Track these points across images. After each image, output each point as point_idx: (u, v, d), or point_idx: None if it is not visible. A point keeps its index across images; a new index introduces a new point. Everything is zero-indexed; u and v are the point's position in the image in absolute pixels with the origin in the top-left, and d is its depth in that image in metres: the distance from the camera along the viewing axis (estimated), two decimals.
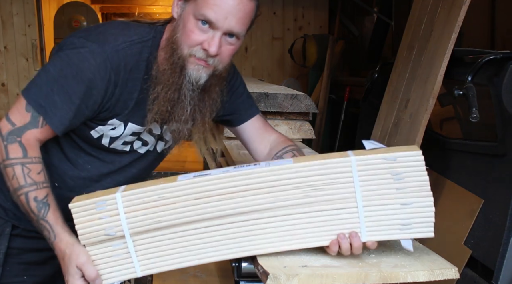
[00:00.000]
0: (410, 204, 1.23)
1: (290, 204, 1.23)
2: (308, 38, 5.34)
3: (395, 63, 3.06)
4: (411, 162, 1.23)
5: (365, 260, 1.29)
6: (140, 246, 1.24)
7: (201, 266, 2.32)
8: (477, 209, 2.27)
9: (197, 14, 1.28)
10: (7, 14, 5.24)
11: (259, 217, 1.23)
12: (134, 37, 1.36)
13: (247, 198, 1.24)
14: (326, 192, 1.23)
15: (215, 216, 1.23)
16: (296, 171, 1.24)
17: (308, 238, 1.24)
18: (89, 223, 1.24)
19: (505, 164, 2.16)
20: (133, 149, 1.47)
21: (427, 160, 1.24)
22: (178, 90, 1.34)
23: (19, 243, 1.49)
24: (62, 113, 1.31)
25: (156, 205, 1.23)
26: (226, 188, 1.23)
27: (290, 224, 1.23)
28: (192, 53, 1.31)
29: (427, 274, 1.23)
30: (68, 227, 1.28)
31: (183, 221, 1.23)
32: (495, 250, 2.10)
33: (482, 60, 2.27)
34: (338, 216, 1.23)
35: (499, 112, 2.17)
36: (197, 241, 1.23)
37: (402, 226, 1.23)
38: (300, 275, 1.19)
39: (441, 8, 2.61)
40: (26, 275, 1.52)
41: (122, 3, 7.39)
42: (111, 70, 1.31)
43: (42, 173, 1.31)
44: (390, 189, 1.23)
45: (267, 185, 1.23)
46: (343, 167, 1.23)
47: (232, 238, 1.23)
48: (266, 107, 2.23)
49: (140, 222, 1.23)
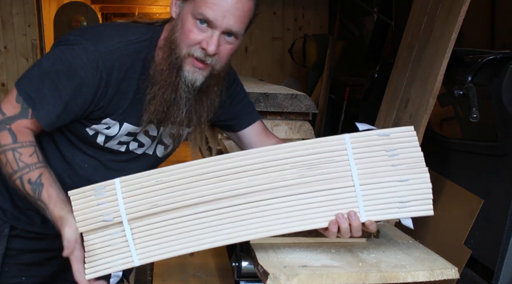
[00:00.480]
0: (406, 181, 1.22)
1: (286, 185, 1.23)
2: (308, 38, 5.34)
3: (395, 63, 3.06)
4: (404, 138, 1.23)
5: (365, 260, 1.29)
6: (137, 234, 1.23)
7: (201, 266, 2.32)
8: (477, 209, 2.27)
9: (196, 13, 1.28)
10: (7, 14, 5.24)
11: (256, 200, 1.23)
12: (131, 37, 1.36)
13: (243, 179, 1.23)
14: (322, 171, 1.22)
15: (212, 199, 1.22)
16: (291, 151, 1.24)
17: (306, 220, 1.22)
18: (88, 209, 1.23)
19: (505, 164, 2.16)
20: (129, 149, 1.46)
21: (427, 160, 1.24)
22: (175, 90, 1.34)
23: (18, 244, 1.49)
24: (49, 107, 1.32)
25: (154, 190, 1.23)
26: (222, 170, 1.23)
27: (288, 206, 1.22)
28: (190, 53, 1.31)
29: (427, 274, 1.23)
30: (62, 200, 1.28)
31: (180, 205, 1.22)
32: (495, 250, 2.10)
33: (482, 60, 2.27)
34: (336, 195, 1.23)
35: (499, 112, 2.16)
36: (194, 227, 1.22)
37: (400, 204, 1.21)
38: (300, 275, 1.19)
39: (441, 8, 2.61)
40: (25, 276, 1.51)
41: (122, 3, 7.40)
42: (103, 69, 1.31)
43: (35, 155, 1.32)
44: (385, 166, 1.22)
45: (262, 166, 1.23)
46: (338, 145, 1.23)
47: (230, 223, 1.22)
48: (266, 107, 2.23)
49: (137, 207, 1.23)
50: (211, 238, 1.22)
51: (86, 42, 1.32)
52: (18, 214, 1.48)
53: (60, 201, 1.28)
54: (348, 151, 1.23)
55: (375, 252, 1.35)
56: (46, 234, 1.47)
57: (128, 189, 1.24)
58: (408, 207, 1.22)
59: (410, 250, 1.38)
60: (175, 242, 1.22)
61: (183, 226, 1.22)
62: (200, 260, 2.40)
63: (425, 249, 1.39)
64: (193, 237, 1.22)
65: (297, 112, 2.28)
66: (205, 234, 1.22)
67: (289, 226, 1.23)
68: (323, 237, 1.42)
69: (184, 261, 2.38)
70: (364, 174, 1.22)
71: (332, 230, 1.22)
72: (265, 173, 1.23)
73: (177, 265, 2.31)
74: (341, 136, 1.23)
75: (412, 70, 2.78)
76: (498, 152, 2.20)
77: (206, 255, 2.46)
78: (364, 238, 1.43)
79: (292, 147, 1.25)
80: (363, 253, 1.34)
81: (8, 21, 5.25)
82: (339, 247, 1.39)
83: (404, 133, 1.24)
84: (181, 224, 1.22)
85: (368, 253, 1.34)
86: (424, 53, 2.68)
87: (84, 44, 1.31)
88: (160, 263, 2.36)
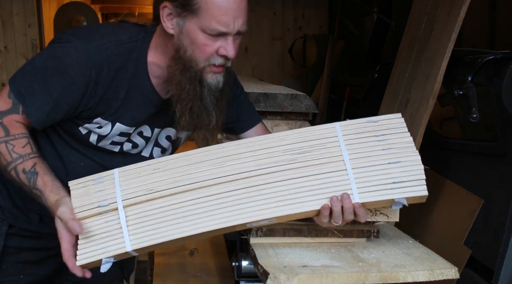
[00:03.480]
0: (398, 163, 1.22)
1: (279, 170, 1.23)
2: (308, 38, 5.34)
3: (395, 63, 3.06)
4: (392, 124, 1.25)
5: (365, 260, 1.29)
6: (132, 220, 1.22)
7: (201, 266, 2.32)
8: (477, 209, 2.27)
9: (207, 29, 1.29)
10: (7, 14, 5.24)
11: (249, 185, 1.23)
12: (123, 37, 1.36)
13: (237, 166, 1.24)
14: (313, 156, 1.24)
15: (206, 184, 1.23)
16: (283, 139, 1.26)
17: (299, 203, 1.22)
18: (85, 196, 1.24)
19: (505, 164, 2.16)
20: (123, 150, 1.47)
21: (427, 160, 1.25)
22: (201, 99, 1.36)
23: (16, 242, 1.50)
24: (39, 104, 1.33)
25: (151, 177, 1.25)
26: (217, 158, 1.25)
27: (281, 191, 1.23)
28: (210, 63, 1.33)
29: (427, 274, 1.23)
30: (57, 186, 1.29)
31: (176, 191, 1.23)
32: (495, 250, 2.10)
33: (482, 60, 2.27)
34: (328, 179, 1.23)
35: (499, 112, 2.16)
36: (188, 212, 1.22)
37: (393, 185, 1.21)
38: (300, 275, 1.19)
39: (441, 8, 2.61)
40: (23, 274, 1.52)
41: (122, 3, 7.39)
42: (92, 68, 1.31)
43: (28, 146, 1.33)
44: (376, 150, 1.23)
45: (255, 154, 1.25)
46: (329, 133, 1.25)
47: (224, 207, 1.22)
48: (266, 107, 2.23)
49: (134, 193, 1.24)
50: (205, 223, 1.21)
51: (77, 41, 1.33)
52: (17, 212, 1.48)
53: (55, 187, 1.28)
54: (339, 137, 1.25)
55: (375, 252, 1.35)
56: (44, 233, 1.48)
57: (126, 178, 1.25)
58: (402, 188, 1.21)
59: (410, 250, 1.38)
60: (168, 227, 1.21)
61: (177, 211, 1.22)
62: (200, 260, 2.39)
63: (425, 249, 1.39)
64: (187, 222, 1.21)
65: (297, 112, 2.28)
66: (198, 219, 1.21)
67: (282, 210, 1.22)
68: (323, 237, 1.42)
69: (184, 261, 2.37)
70: (356, 158, 1.23)
71: (324, 214, 1.21)
72: (258, 159, 1.24)
73: (177, 265, 2.31)
74: (331, 124, 1.26)
75: (412, 70, 2.78)
76: (498, 152, 2.20)
77: (206, 255, 2.46)
78: (364, 238, 1.43)
79: (284, 135, 1.27)
80: (363, 253, 1.34)
81: (8, 21, 5.25)
82: (339, 247, 1.39)
83: (392, 119, 1.27)
84: (175, 209, 1.22)
85: (368, 253, 1.34)
86: (424, 53, 2.68)
87: (75, 42, 1.33)
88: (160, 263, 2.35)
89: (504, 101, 2.12)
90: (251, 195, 1.22)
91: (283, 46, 5.87)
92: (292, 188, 1.22)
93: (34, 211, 1.47)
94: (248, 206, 1.21)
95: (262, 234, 1.40)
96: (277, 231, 1.41)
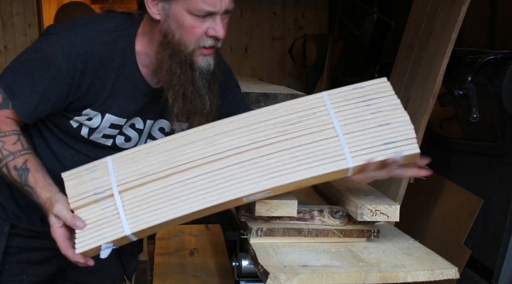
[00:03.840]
0: (387, 124, 1.23)
1: (271, 142, 1.24)
2: (308, 38, 5.33)
3: (395, 63, 3.06)
4: (379, 88, 1.27)
5: (365, 260, 1.29)
6: (128, 205, 1.22)
7: (201, 266, 2.32)
8: (477, 209, 2.27)
9: (194, 10, 1.27)
10: (7, 14, 5.24)
11: (243, 160, 1.23)
12: (108, 25, 1.36)
13: (229, 143, 1.24)
14: (304, 125, 1.24)
15: (200, 163, 1.23)
16: (273, 112, 1.26)
17: (293, 173, 1.22)
18: (80, 186, 1.24)
19: (505, 164, 2.16)
20: (116, 144, 1.46)
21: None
22: (192, 84, 1.35)
23: (18, 242, 1.50)
24: (26, 96, 1.33)
25: (144, 161, 1.25)
26: (209, 137, 1.25)
27: (274, 162, 1.22)
28: (200, 45, 1.31)
29: (427, 274, 1.23)
30: (49, 183, 1.28)
31: (170, 172, 1.23)
32: (495, 250, 2.10)
33: (482, 60, 2.27)
34: (320, 147, 1.23)
35: (499, 112, 2.17)
36: (184, 191, 1.22)
37: (385, 145, 1.22)
38: (300, 275, 1.19)
39: (441, 8, 2.61)
40: (25, 274, 1.52)
41: (122, 3, 7.39)
42: (77, 58, 1.31)
43: (19, 143, 1.32)
44: (365, 114, 1.24)
45: (247, 129, 1.25)
46: (317, 102, 1.26)
47: (219, 184, 1.22)
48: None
49: (128, 178, 1.23)
50: (201, 201, 1.21)
51: (61, 31, 1.33)
52: (19, 212, 1.48)
53: (47, 184, 1.28)
54: (328, 106, 1.25)
55: (375, 252, 1.35)
56: (46, 233, 1.48)
57: (119, 165, 1.25)
58: (394, 148, 1.22)
59: (410, 250, 1.38)
60: (165, 209, 1.21)
61: (173, 192, 1.22)
62: (200, 260, 2.40)
63: (425, 249, 1.39)
64: (183, 202, 1.21)
65: None
66: (194, 198, 1.21)
67: (276, 181, 1.22)
68: (323, 237, 1.42)
69: (184, 261, 2.38)
70: (346, 124, 1.24)
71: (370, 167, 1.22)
72: (249, 134, 1.25)
73: (177, 265, 2.31)
74: (319, 94, 1.27)
75: (412, 70, 2.78)
76: (498, 152, 2.20)
77: (206, 255, 2.46)
78: (364, 238, 1.43)
79: (274, 108, 1.28)
80: (363, 253, 1.34)
81: (8, 21, 5.25)
82: (339, 247, 1.39)
83: (378, 84, 1.28)
84: (171, 190, 1.22)
85: (368, 253, 1.34)
86: (424, 53, 2.68)
87: (59, 33, 1.33)
88: (160, 263, 2.35)
89: (504, 101, 2.12)
90: (245, 170, 1.22)
91: (283, 46, 5.87)
92: (286, 159, 1.22)
93: (36, 211, 1.47)
94: (243, 180, 1.21)
95: (262, 234, 1.40)
96: (277, 230, 1.41)
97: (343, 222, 1.45)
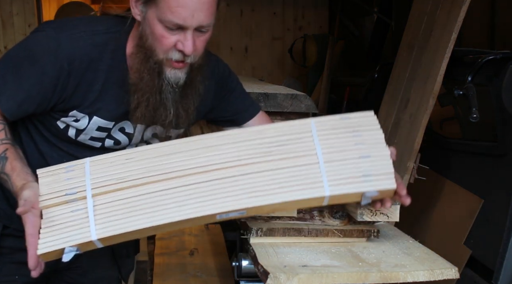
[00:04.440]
0: (368, 157, 1.24)
1: (253, 162, 1.23)
2: (308, 38, 5.33)
3: (395, 63, 3.06)
4: (365, 121, 1.27)
5: (365, 260, 1.29)
6: (100, 209, 1.19)
7: (201, 266, 2.32)
8: (477, 209, 2.27)
9: (163, 20, 1.25)
10: (7, 14, 5.24)
11: (221, 177, 1.22)
12: (99, 27, 1.34)
13: (211, 157, 1.23)
14: (288, 149, 1.24)
15: (179, 175, 1.22)
16: (261, 132, 1.26)
17: (269, 195, 1.21)
18: (53, 184, 1.22)
19: (505, 164, 2.16)
20: (104, 147, 1.44)
21: (427, 160, 1.25)
22: (159, 93, 1.32)
23: (11, 242, 1.49)
24: (10, 93, 1.31)
25: (123, 167, 1.23)
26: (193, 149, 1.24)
27: (252, 182, 1.22)
28: (168, 57, 1.28)
29: (427, 274, 1.23)
30: (26, 172, 1.26)
31: (146, 181, 1.21)
32: (495, 250, 2.10)
33: (482, 60, 2.27)
34: (300, 172, 1.23)
35: (499, 112, 2.17)
36: (157, 202, 1.20)
37: (363, 177, 1.22)
38: (300, 275, 1.19)
39: (441, 8, 2.61)
40: (18, 274, 1.51)
41: (122, 3, 7.39)
42: (63, 58, 1.29)
43: (3, 132, 1.31)
44: (348, 145, 1.25)
45: (232, 146, 1.24)
46: (304, 128, 1.26)
47: (193, 198, 1.20)
48: (266, 107, 2.23)
49: (104, 182, 1.21)
50: (172, 213, 1.18)
51: (50, 30, 1.32)
52: (11, 212, 1.47)
53: (23, 173, 1.26)
54: (313, 132, 1.26)
55: (375, 252, 1.35)
56: None
57: (97, 167, 1.23)
58: (371, 181, 1.22)
59: (410, 250, 1.38)
60: (135, 217, 1.18)
61: (146, 201, 1.19)
62: (200, 260, 2.40)
63: (425, 249, 1.39)
64: (155, 212, 1.19)
65: (297, 112, 2.28)
66: (166, 209, 1.19)
67: (251, 201, 1.21)
68: (323, 237, 1.42)
69: (184, 261, 2.38)
70: (328, 152, 1.24)
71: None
72: (233, 152, 1.24)
73: (177, 265, 2.32)
74: (306, 120, 1.28)
75: (412, 70, 2.78)
76: (498, 152, 2.20)
77: (206, 255, 2.47)
78: (364, 238, 1.44)
79: (262, 129, 1.28)
80: (363, 253, 1.34)
81: (8, 21, 5.25)
82: (339, 247, 1.39)
83: (365, 117, 1.28)
84: (144, 199, 1.20)
85: (368, 253, 1.34)
86: (424, 53, 2.68)
87: (48, 31, 1.31)
88: (160, 263, 2.36)
89: (504, 101, 2.12)
90: (222, 187, 1.21)
91: (283, 46, 5.87)
92: (265, 180, 1.22)
93: None
94: (218, 198, 1.20)
95: (262, 234, 1.40)
96: (277, 230, 1.41)
97: (343, 222, 1.45)
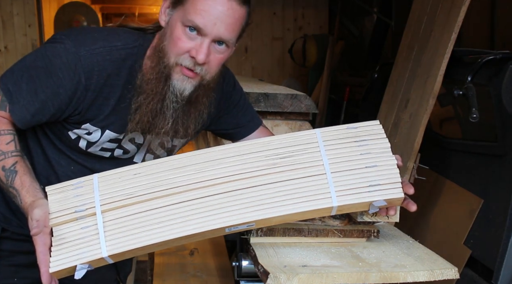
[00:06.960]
0: (375, 167, 1.25)
1: (260, 174, 1.24)
2: (308, 38, 5.34)
3: (395, 63, 3.06)
4: (371, 130, 1.28)
5: (365, 260, 1.29)
6: (109, 226, 1.20)
7: (201, 266, 2.32)
8: (477, 209, 2.27)
9: (185, 20, 1.25)
10: (7, 14, 5.24)
11: (229, 190, 1.22)
12: (117, 43, 1.33)
13: (218, 170, 1.24)
14: (295, 160, 1.25)
15: (185, 189, 1.22)
16: (266, 144, 1.27)
17: (277, 208, 1.22)
18: (63, 202, 1.22)
19: (505, 164, 2.16)
20: (113, 156, 1.44)
21: (427, 160, 1.25)
22: (162, 100, 1.31)
23: (9, 245, 1.49)
24: (24, 102, 1.31)
25: (131, 182, 1.23)
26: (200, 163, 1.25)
27: (260, 195, 1.22)
28: (179, 62, 1.28)
29: (427, 274, 1.23)
30: (35, 188, 1.26)
31: (154, 196, 1.22)
32: (495, 250, 2.10)
33: (482, 60, 2.27)
34: (307, 183, 1.23)
35: (499, 112, 2.17)
36: (165, 217, 1.20)
37: (370, 187, 1.23)
38: (300, 275, 1.19)
39: (441, 8, 2.61)
40: (16, 277, 1.51)
41: (122, 3, 7.39)
42: (81, 73, 1.29)
43: (12, 143, 1.31)
44: (355, 154, 1.26)
45: (239, 159, 1.25)
46: (310, 139, 1.27)
47: (201, 212, 1.20)
48: (266, 107, 2.23)
49: (112, 198, 1.22)
50: (181, 228, 1.19)
51: (69, 43, 1.30)
52: (10, 216, 1.47)
53: (33, 189, 1.26)
54: (320, 143, 1.26)
55: (375, 252, 1.35)
56: None
57: (105, 183, 1.23)
58: (378, 191, 1.23)
59: (410, 250, 1.38)
60: (145, 233, 1.19)
61: (155, 216, 1.20)
62: (200, 260, 2.40)
63: (425, 249, 1.39)
64: (164, 228, 1.19)
65: (297, 112, 2.28)
66: (175, 224, 1.19)
67: (260, 214, 1.21)
68: (323, 237, 1.42)
69: (184, 261, 2.38)
70: (335, 163, 1.25)
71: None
72: (240, 164, 1.25)
73: (177, 265, 2.31)
74: (312, 130, 1.29)
75: (412, 70, 2.78)
76: (498, 152, 2.20)
77: (206, 255, 2.47)
78: (364, 238, 1.44)
79: (268, 140, 1.28)
80: (363, 253, 1.34)
81: (8, 21, 5.25)
82: (339, 247, 1.39)
83: (371, 126, 1.29)
84: (153, 215, 1.20)
85: (368, 253, 1.35)
86: (424, 53, 2.68)
87: (67, 44, 1.30)
88: (160, 263, 2.36)
89: (504, 101, 2.12)
90: (230, 200, 1.21)
91: (283, 46, 5.88)
92: (272, 192, 1.22)
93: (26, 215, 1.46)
94: (226, 211, 1.20)
95: (263, 234, 1.40)
96: (278, 231, 1.41)
97: (343, 222, 1.46)
